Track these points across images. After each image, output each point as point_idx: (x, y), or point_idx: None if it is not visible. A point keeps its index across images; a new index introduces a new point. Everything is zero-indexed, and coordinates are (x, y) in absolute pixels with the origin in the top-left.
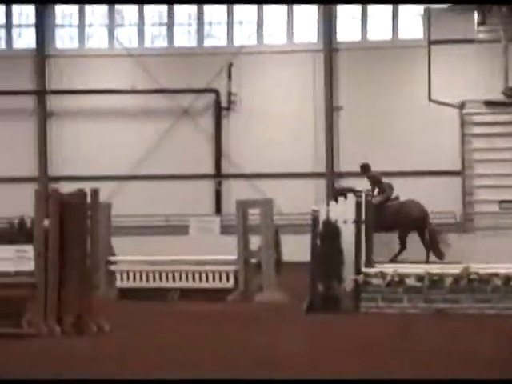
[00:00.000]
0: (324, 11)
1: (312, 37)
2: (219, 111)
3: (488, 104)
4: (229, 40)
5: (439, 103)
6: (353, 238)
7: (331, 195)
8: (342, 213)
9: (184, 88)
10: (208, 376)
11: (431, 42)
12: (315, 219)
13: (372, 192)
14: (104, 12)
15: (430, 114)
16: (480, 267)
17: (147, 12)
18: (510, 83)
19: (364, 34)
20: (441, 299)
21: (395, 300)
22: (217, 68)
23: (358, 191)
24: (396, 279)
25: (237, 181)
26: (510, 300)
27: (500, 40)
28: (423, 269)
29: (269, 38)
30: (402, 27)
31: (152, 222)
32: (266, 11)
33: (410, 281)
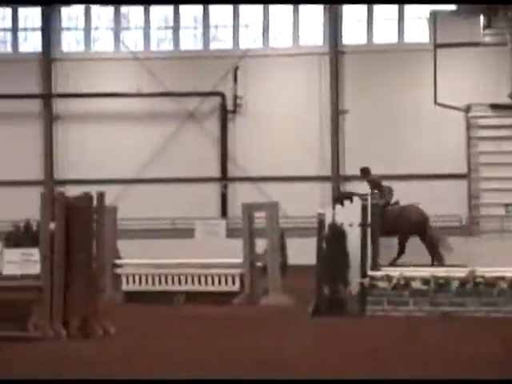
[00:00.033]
0: (330, 14)
1: (318, 40)
2: (225, 114)
3: (494, 107)
4: (235, 43)
5: (445, 106)
6: (359, 241)
7: (333, 200)
8: (348, 216)
9: (190, 91)
10: (213, 377)
11: (437, 46)
12: (321, 222)
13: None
14: (110, 15)
15: (436, 117)
16: (486, 270)
17: (153, 15)
18: None
19: (370, 37)
20: (447, 302)
21: (401, 303)
22: (223, 71)
23: (359, 195)
24: (402, 282)
25: (242, 184)
26: None
27: (506, 43)
28: (429, 272)
29: (275, 41)
30: (408, 30)
31: (158, 226)
32: (272, 14)
33: (416, 284)
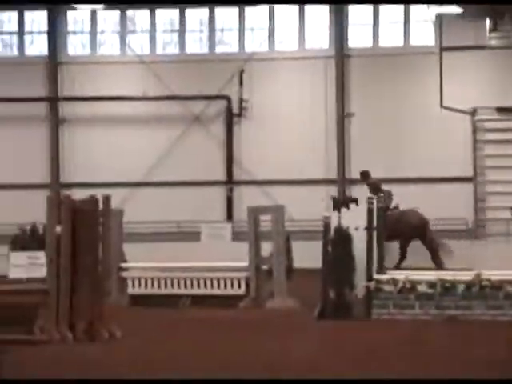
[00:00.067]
0: (336, 17)
1: (323, 43)
2: (231, 118)
3: (500, 110)
4: (240, 46)
5: (451, 110)
6: (364, 245)
7: (331, 205)
8: (354, 219)
9: (195, 95)
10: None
11: (443, 49)
12: (327, 226)
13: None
14: (116, 19)
15: (442, 121)
16: (492, 274)
17: (159, 19)
18: None
19: (375, 41)
20: (453, 306)
21: (407, 307)
22: (228, 74)
23: (355, 200)
24: (408, 286)
25: (248, 187)
26: None
27: None
28: (435, 275)
29: (280, 45)
30: (414, 34)
31: (163, 229)
32: (278, 17)
33: (422, 287)
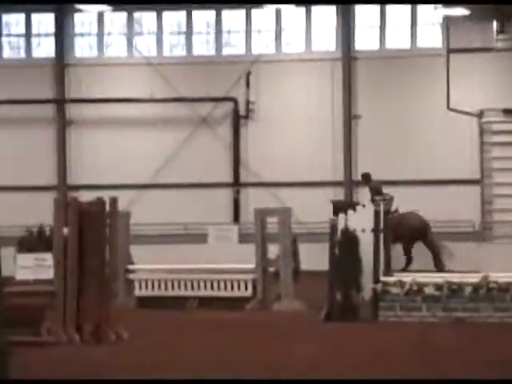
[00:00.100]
0: (342, 19)
1: (330, 45)
2: (237, 120)
3: (507, 112)
4: (247, 48)
5: (458, 112)
6: (371, 247)
7: (331, 210)
8: (361, 221)
9: (202, 96)
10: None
11: (450, 51)
12: (333, 228)
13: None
14: (123, 21)
15: (449, 123)
16: (499, 276)
17: (166, 21)
18: None
19: (382, 43)
20: (460, 308)
21: (414, 309)
22: (235, 76)
23: (354, 204)
24: (415, 288)
25: (255, 189)
26: None
27: None
28: (442, 278)
29: (287, 47)
30: (421, 36)
31: (170, 231)
32: (285, 19)
33: (429, 290)
